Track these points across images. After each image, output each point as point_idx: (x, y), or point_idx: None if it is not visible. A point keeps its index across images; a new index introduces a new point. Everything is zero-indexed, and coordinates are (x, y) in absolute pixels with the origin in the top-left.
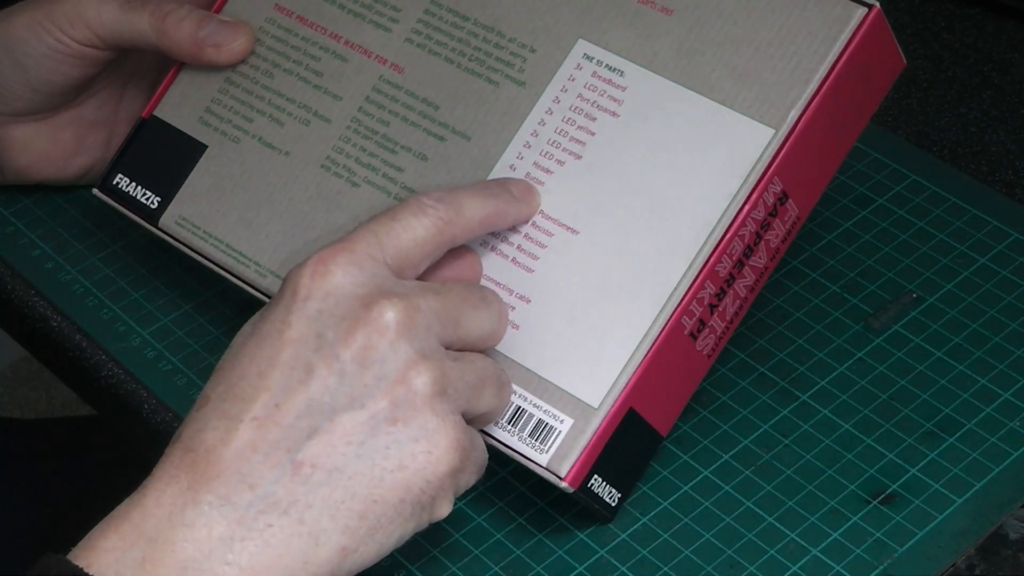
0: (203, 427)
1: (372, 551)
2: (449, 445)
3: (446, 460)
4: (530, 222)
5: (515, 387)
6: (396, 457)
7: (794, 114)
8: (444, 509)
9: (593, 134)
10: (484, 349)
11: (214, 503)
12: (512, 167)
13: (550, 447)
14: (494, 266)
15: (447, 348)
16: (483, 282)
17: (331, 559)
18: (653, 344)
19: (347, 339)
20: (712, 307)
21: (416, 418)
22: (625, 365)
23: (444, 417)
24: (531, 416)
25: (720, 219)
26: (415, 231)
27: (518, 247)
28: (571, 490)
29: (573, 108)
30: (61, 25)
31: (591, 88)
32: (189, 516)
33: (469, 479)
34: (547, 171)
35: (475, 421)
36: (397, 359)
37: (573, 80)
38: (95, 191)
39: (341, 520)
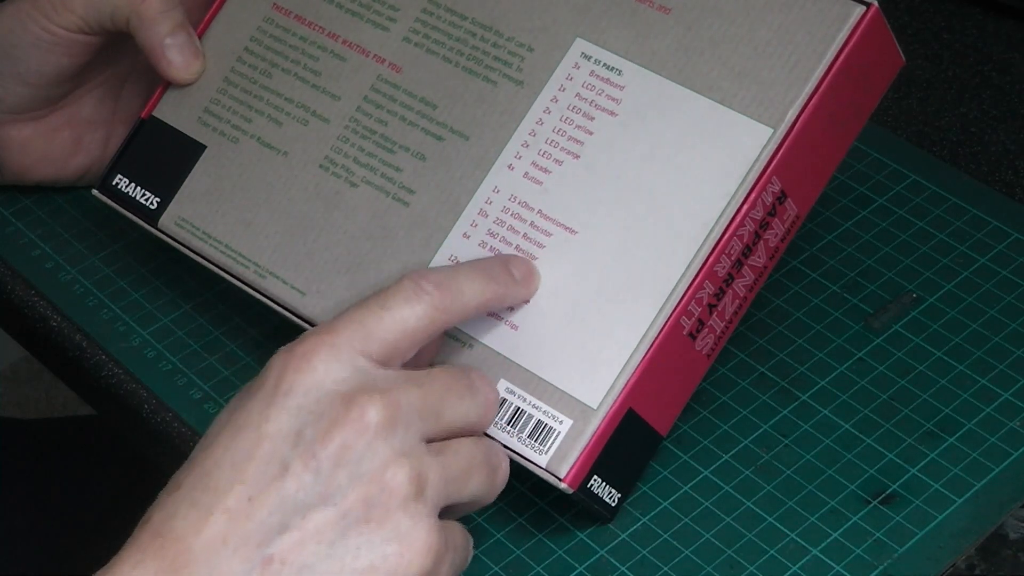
0: (173, 514)
1: None
2: (421, 548)
3: (417, 563)
4: (529, 222)
5: (514, 388)
6: (367, 557)
7: (792, 113)
8: None
9: (591, 133)
10: (472, 435)
11: None
12: (510, 167)
13: (549, 448)
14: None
15: (431, 440)
16: None
17: None
18: (652, 344)
19: (325, 438)
20: (711, 307)
21: (389, 519)
22: (624, 365)
23: (418, 519)
24: (530, 417)
25: (719, 219)
26: (405, 322)
27: (517, 247)
28: (570, 491)
29: (571, 107)
30: (46, 12)
31: (589, 87)
32: None
33: None
34: (545, 171)
35: (464, 507)
36: (374, 459)
37: (571, 79)
38: (94, 192)
39: None
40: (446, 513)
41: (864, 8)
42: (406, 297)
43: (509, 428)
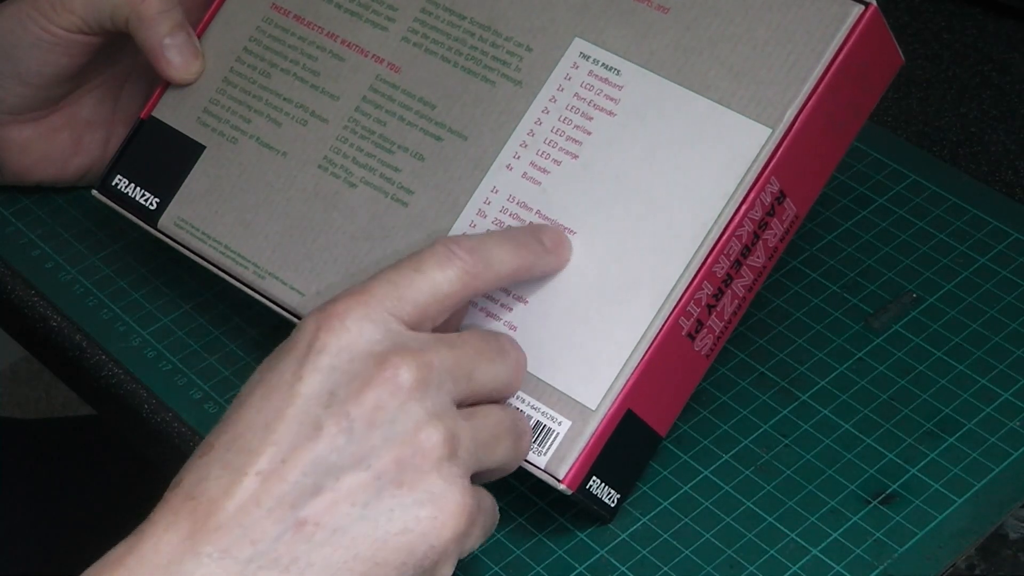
0: (206, 476)
1: None
2: (455, 510)
3: (451, 525)
4: (527, 222)
5: None
6: (400, 520)
7: (791, 113)
8: (446, 572)
9: (590, 133)
10: (501, 400)
11: (214, 555)
12: (509, 167)
13: (548, 449)
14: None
15: (461, 403)
16: None
17: None
18: (651, 345)
19: (358, 398)
20: (710, 307)
21: (423, 481)
22: (623, 366)
23: (452, 481)
24: (529, 418)
25: (717, 219)
26: (439, 286)
27: None
28: (569, 492)
29: (570, 107)
30: (46, 13)
31: (588, 87)
32: (188, 567)
33: (475, 543)
34: (544, 171)
35: (490, 474)
36: (407, 420)
37: (570, 79)
38: (94, 192)
39: None
40: (473, 478)
41: (863, 7)
42: (439, 261)
43: None
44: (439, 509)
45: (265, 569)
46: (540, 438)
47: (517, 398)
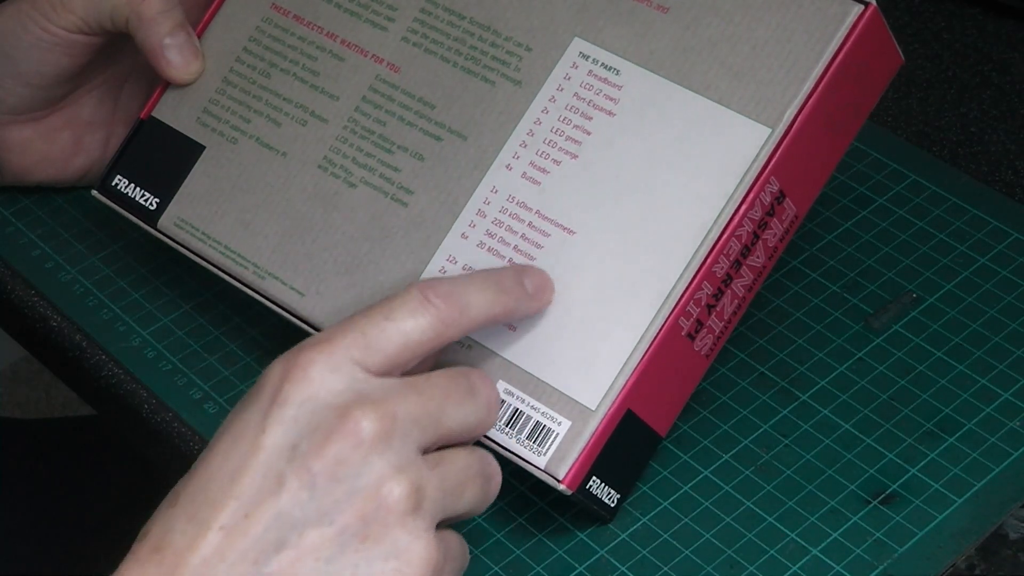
0: (172, 528)
1: None
2: (420, 564)
3: None
4: (527, 222)
5: (512, 389)
6: (365, 575)
7: (791, 113)
8: None
9: (589, 133)
10: (471, 441)
11: None
12: (508, 167)
13: (548, 449)
14: (491, 267)
15: (429, 448)
16: None
17: None
18: (650, 345)
19: (320, 451)
20: (710, 307)
21: (387, 535)
22: (623, 366)
23: (416, 534)
24: (529, 418)
25: (717, 219)
26: (410, 334)
27: (515, 248)
28: (569, 492)
29: (569, 107)
30: (46, 13)
31: (587, 87)
32: None
33: None
34: (543, 171)
35: (458, 518)
36: (370, 474)
37: (569, 79)
38: (94, 192)
39: None
40: (440, 523)
41: (862, 7)
42: (411, 309)
43: (507, 429)
44: (404, 563)
45: None
46: (540, 438)
47: (516, 398)
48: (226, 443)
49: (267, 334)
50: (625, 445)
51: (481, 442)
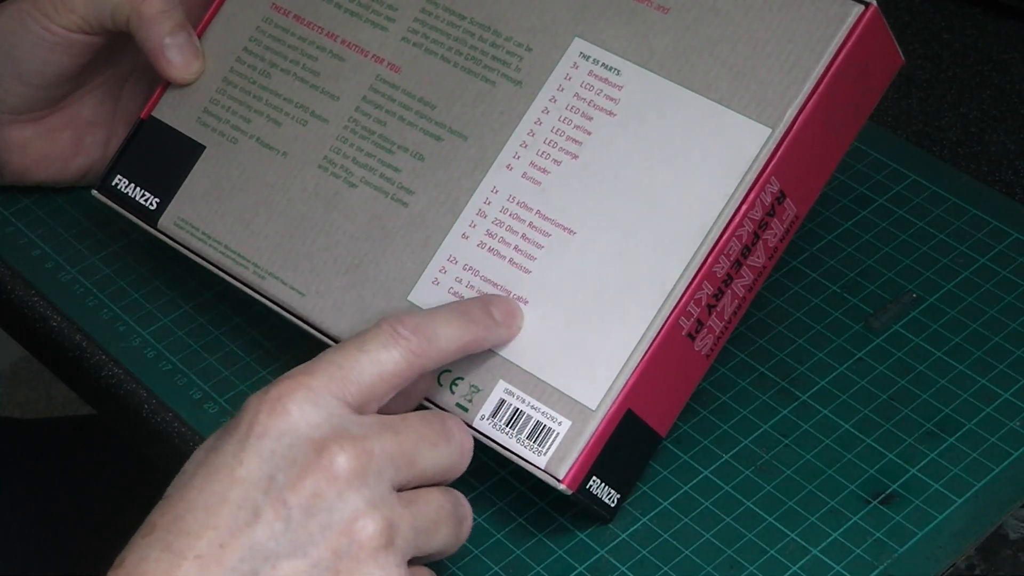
0: (147, 557)
1: None
2: None
3: None
4: (527, 222)
5: (513, 389)
6: None
7: (791, 113)
8: None
9: (590, 133)
10: (444, 483)
11: None
12: (509, 167)
13: (548, 449)
14: (491, 267)
15: (403, 487)
16: (480, 283)
17: None
18: (651, 345)
19: (296, 484)
20: (710, 307)
21: (359, 571)
22: (623, 366)
23: (388, 570)
24: (529, 418)
25: (717, 219)
26: (382, 365)
27: (515, 248)
28: (569, 492)
29: (570, 107)
30: (47, 12)
31: (587, 87)
32: None
33: None
34: (544, 171)
35: (429, 557)
36: (344, 508)
37: (570, 79)
38: (94, 192)
39: None
40: (411, 560)
41: (863, 7)
42: (383, 342)
43: (508, 429)
44: None
45: None
46: (540, 438)
47: (516, 398)
48: (203, 475)
49: (267, 334)
50: (625, 445)
51: (482, 443)
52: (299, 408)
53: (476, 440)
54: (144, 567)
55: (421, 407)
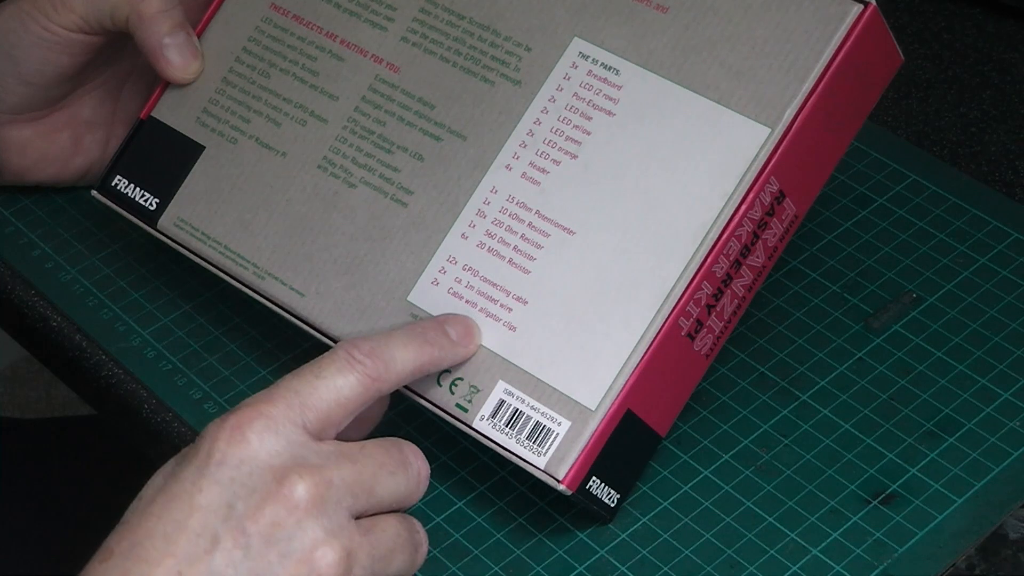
0: None
1: None
2: None
3: None
4: (527, 222)
5: (512, 389)
6: None
7: (790, 113)
8: None
9: (589, 133)
10: (400, 510)
11: None
12: (508, 167)
13: (547, 449)
14: (491, 267)
15: (361, 515)
16: (479, 283)
17: None
18: (650, 345)
19: (256, 513)
20: (710, 307)
21: None
22: (622, 367)
23: None
24: (528, 418)
25: (716, 219)
26: (340, 391)
27: (514, 248)
28: (569, 492)
29: (569, 107)
30: (46, 12)
31: (587, 87)
32: None
33: None
34: (543, 171)
35: None
36: (304, 537)
37: (569, 79)
38: (94, 192)
39: None
40: None
41: (862, 7)
42: (339, 367)
43: (507, 429)
44: None
45: None
46: (540, 438)
47: (516, 398)
48: (161, 501)
49: (267, 334)
50: (625, 445)
51: (480, 443)
52: (258, 436)
53: (476, 440)
54: None
55: (420, 406)
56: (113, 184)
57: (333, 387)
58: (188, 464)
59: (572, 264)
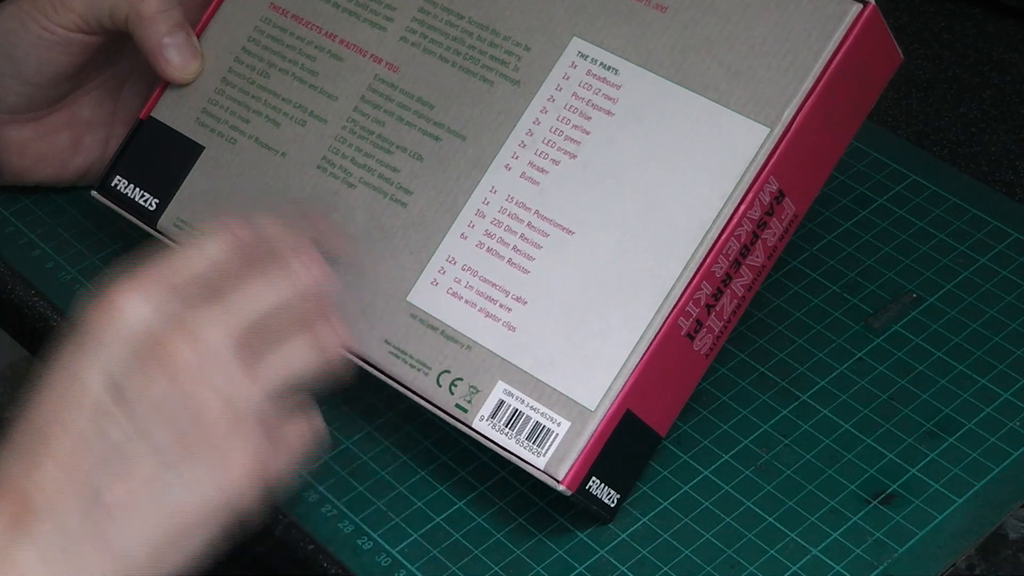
0: (4, 463)
1: (182, 555)
2: (243, 470)
3: (239, 480)
4: (526, 222)
5: (512, 389)
6: (192, 485)
7: (789, 112)
8: (248, 506)
9: (588, 133)
10: (301, 319)
11: (29, 544)
12: (507, 167)
13: (547, 450)
14: (490, 268)
15: (250, 345)
16: (479, 283)
17: (140, 570)
18: (650, 345)
19: (139, 383)
20: (709, 307)
21: (212, 451)
22: (622, 367)
23: (235, 444)
24: (528, 419)
25: (716, 219)
26: (211, 256)
27: (514, 248)
28: (569, 492)
29: (568, 107)
30: (46, 11)
31: (586, 87)
32: (11, 554)
33: (278, 477)
34: (542, 171)
35: (298, 389)
36: (188, 398)
37: (568, 79)
38: (93, 193)
39: (147, 543)
40: (285, 406)
41: (861, 6)
42: (207, 236)
43: (507, 430)
44: (226, 471)
45: (77, 550)
46: (539, 439)
47: (516, 399)
48: (50, 382)
49: None
50: (624, 445)
51: (480, 443)
52: (131, 305)
53: (476, 441)
54: (8, 473)
55: (420, 406)
56: (113, 184)
57: (206, 252)
58: (72, 346)
59: (571, 264)
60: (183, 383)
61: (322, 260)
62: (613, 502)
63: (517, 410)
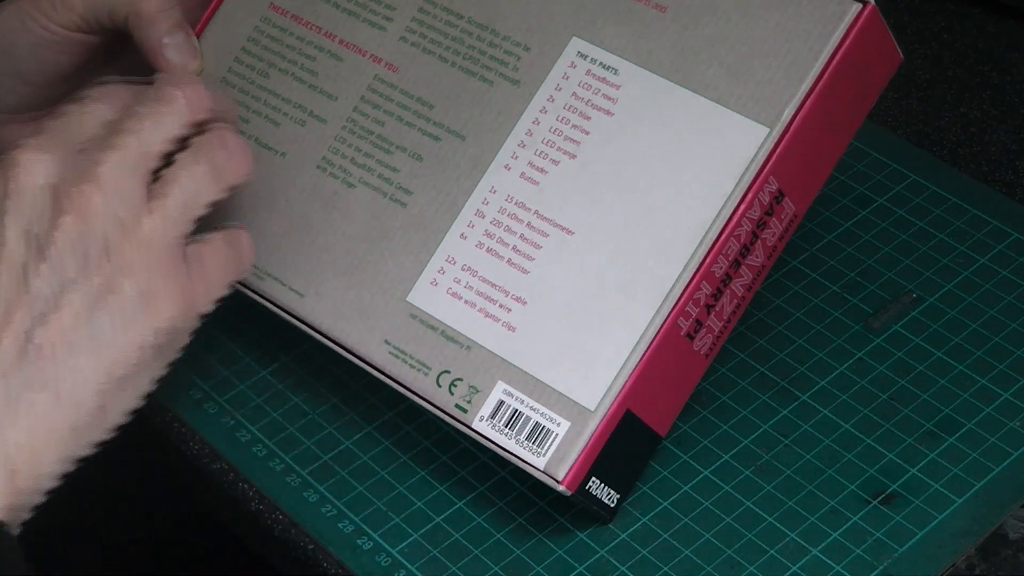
0: None
1: (129, 400)
2: (169, 299)
3: (168, 310)
4: (526, 222)
5: (512, 390)
6: (123, 321)
7: (789, 112)
8: (184, 340)
9: (588, 133)
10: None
11: None
12: (507, 167)
13: (547, 450)
14: (490, 267)
15: (151, 175)
16: (478, 283)
17: (92, 418)
18: (650, 345)
19: (51, 232)
20: (709, 307)
21: (130, 282)
22: (622, 367)
23: (158, 282)
24: (528, 419)
25: (715, 219)
26: (98, 110)
27: (513, 248)
28: (569, 493)
29: (567, 107)
30: (46, 11)
31: (585, 87)
32: None
33: (209, 302)
34: (542, 171)
35: (208, 206)
36: (99, 238)
37: (567, 79)
38: None
39: (92, 384)
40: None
41: (860, 6)
42: (97, 98)
43: (507, 430)
44: (153, 300)
45: (24, 395)
46: (539, 439)
47: (515, 399)
48: None
49: (267, 334)
50: (624, 445)
51: (480, 443)
52: (30, 160)
53: (475, 441)
54: None
55: (420, 407)
56: None
57: (90, 108)
58: None
59: (571, 264)
60: (91, 222)
61: (208, 88)
62: (613, 502)
63: (517, 410)
